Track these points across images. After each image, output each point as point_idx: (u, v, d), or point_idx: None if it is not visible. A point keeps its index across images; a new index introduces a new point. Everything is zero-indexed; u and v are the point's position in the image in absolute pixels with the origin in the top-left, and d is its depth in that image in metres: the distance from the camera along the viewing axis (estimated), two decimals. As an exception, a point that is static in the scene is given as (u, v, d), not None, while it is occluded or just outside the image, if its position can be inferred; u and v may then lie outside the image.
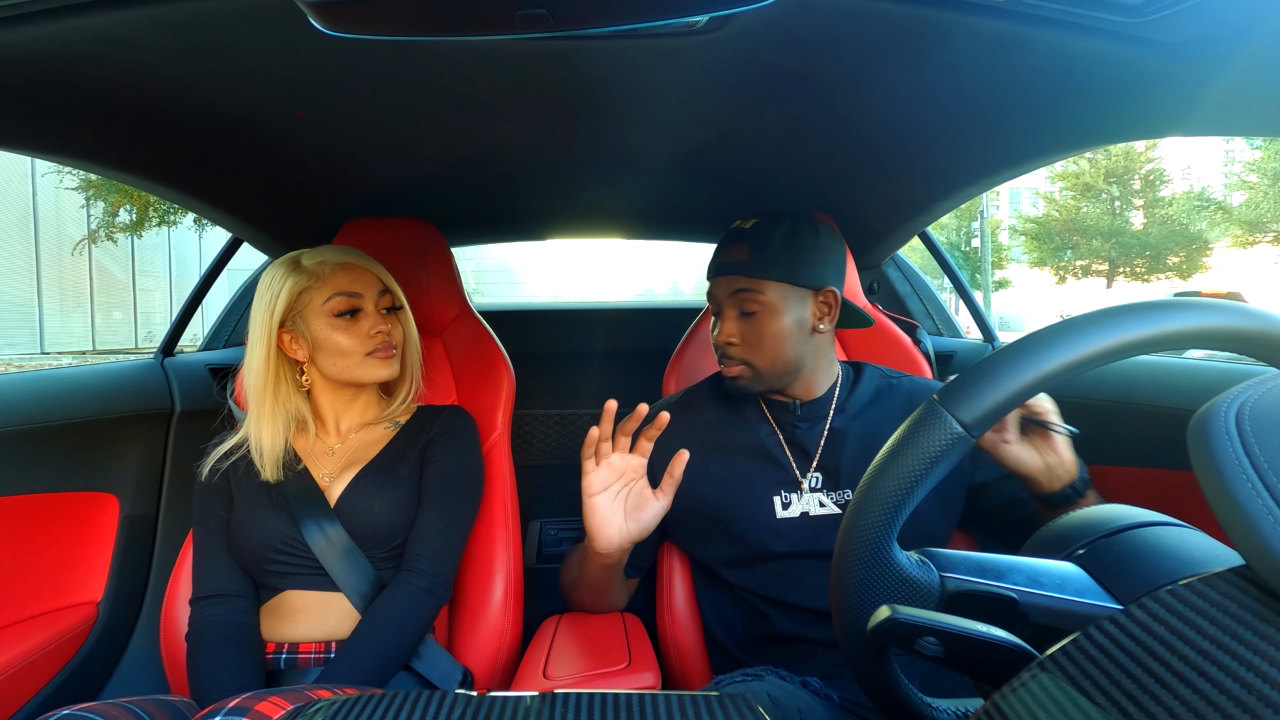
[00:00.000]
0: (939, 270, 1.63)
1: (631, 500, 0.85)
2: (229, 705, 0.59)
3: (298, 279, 0.90)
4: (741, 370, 0.90)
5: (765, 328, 0.87)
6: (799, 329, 0.88)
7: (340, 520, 0.88)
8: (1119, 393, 0.98)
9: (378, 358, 0.93)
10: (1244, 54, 0.57)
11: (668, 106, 0.84)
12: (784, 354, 0.88)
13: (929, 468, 0.41)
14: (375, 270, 0.96)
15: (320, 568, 0.86)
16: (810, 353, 0.91)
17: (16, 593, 1.04)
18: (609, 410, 0.82)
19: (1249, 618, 0.28)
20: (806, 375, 0.92)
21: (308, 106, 0.82)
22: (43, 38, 0.61)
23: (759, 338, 0.88)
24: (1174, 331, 0.39)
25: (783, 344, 0.88)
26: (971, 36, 0.64)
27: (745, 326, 0.89)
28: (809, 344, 0.90)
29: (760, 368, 0.89)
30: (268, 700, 0.60)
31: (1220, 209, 13.45)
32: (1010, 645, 0.39)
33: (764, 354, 0.88)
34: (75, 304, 11.12)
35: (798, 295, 0.88)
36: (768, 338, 0.88)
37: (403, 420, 1.00)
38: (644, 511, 0.84)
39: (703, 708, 0.42)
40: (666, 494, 0.84)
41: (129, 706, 0.66)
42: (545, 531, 1.63)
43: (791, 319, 0.88)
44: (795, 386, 0.93)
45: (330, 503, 0.89)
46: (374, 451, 0.95)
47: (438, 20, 0.50)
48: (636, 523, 0.84)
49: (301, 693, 0.65)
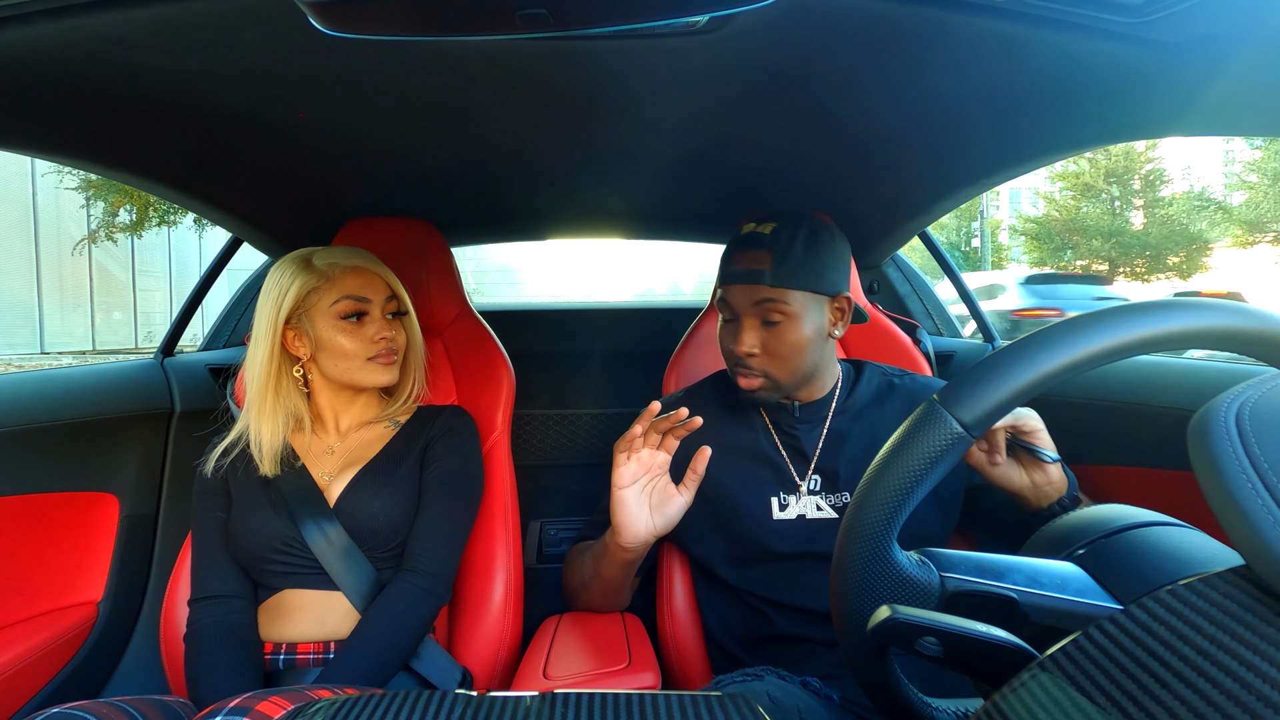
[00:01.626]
0: (939, 270, 1.63)
1: (656, 495, 0.85)
2: (230, 705, 0.59)
3: (308, 278, 0.91)
4: (762, 382, 0.88)
5: (788, 337, 0.85)
6: (818, 336, 0.87)
7: (339, 520, 0.88)
8: (1119, 393, 0.98)
9: (379, 363, 0.93)
10: (1244, 54, 0.57)
11: (668, 106, 0.84)
12: (804, 363, 0.87)
13: (929, 468, 0.41)
14: (384, 275, 0.96)
15: (319, 567, 0.86)
16: (824, 359, 0.91)
17: (16, 593, 1.04)
18: (652, 410, 0.82)
19: (1249, 618, 0.28)
20: (814, 379, 0.92)
21: (308, 106, 0.82)
22: (43, 38, 0.61)
23: (782, 348, 0.86)
24: (1174, 331, 0.39)
25: (804, 353, 0.86)
26: (971, 37, 0.64)
27: (768, 336, 0.86)
28: (824, 349, 0.90)
29: (780, 379, 0.87)
30: (268, 700, 0.60)
31: (1220, 209, 13.43)
32: (1010, 645, 0.39)
33: (785, 364, 0.86)
34: (75, 304, 11.11)
35: (817, 303, 0.87)
36: (790, 348, 0.85)
37: (403, 420, 1.00)
38: (669, 506, 0.85)
39: (703, 708, 0.42)
40: (689, 489, 0.85)
41: (121, 705, 0.66)
42: (545, 531, 1.63)
43: (812, 327, 0.86)
44: (797, 392, 0.93)
45: (329, 502, 0.89)
46: (373, 451, 0.95)
47: (438, 20, 0.50)
48: (662, 517, 0.85)
49: (302, 693, 0.65)
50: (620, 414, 1.69)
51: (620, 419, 1.68)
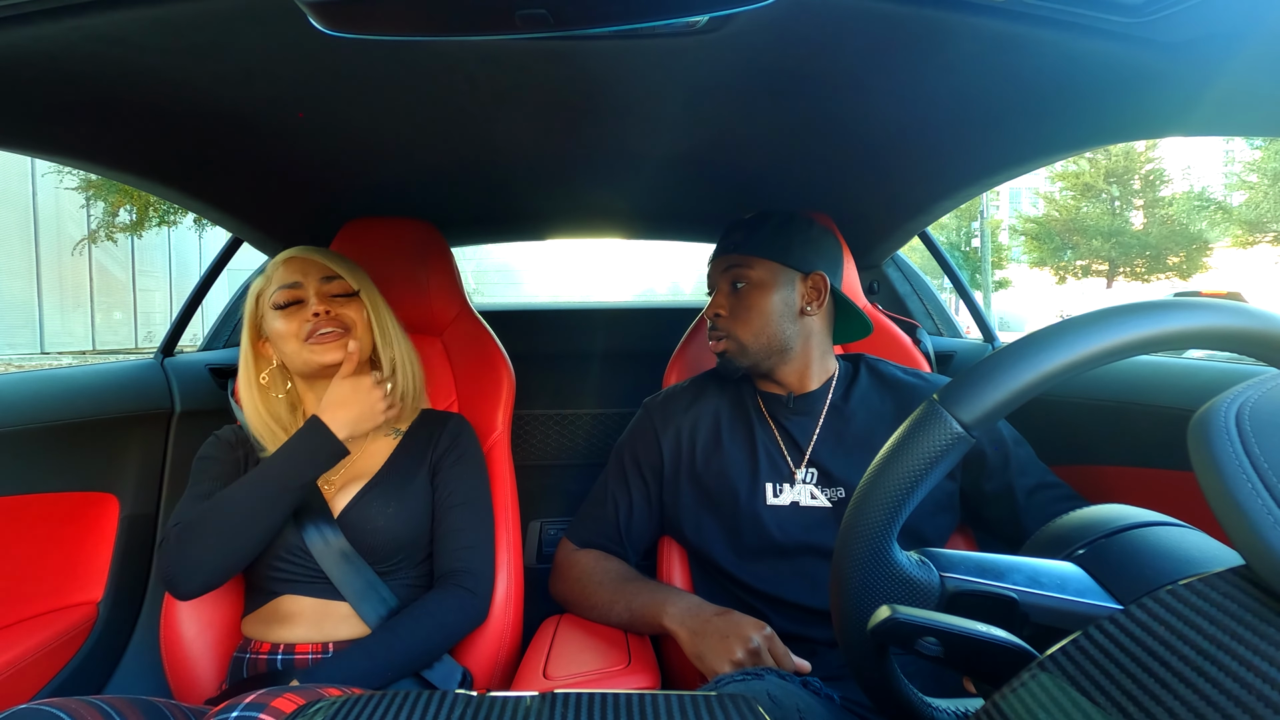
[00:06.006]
0: (939, 270, 1.63)
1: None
2: (245, 700, 0.59)
3: (257, 283, 0.93)
4: (727, 344, 0.94)
5: (751, 300, 0.92)
6: (786, 308, 0.92)
7: (344, 531, 0.87)
8: (1119, 393, 0.98)
9: (315, 341, 0.88)
10: (1244, 54, 0.57)
11: (668, 106, 0.84)
12: (768, 329, 0.92)
13: (929, 468, 0.41)
14: (320, 258, 0.93)
15: (320, 575, 0.86)
16: (797, 335, 0.93)
17: (16, 593, 1.04)
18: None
19: (1249, 618, 0.28)
20: (797, 363, 0.94)
21: (308, 106, 0.82)
22: (43, 38, 0.61)
23: (745, 310, 0.92)
24: (1174, 331, 0.39)
25: (768, 320, 0.91)
26: (971, 36, 0.64)
27: (734, 300, 0.94)
28: (795, 326, 0.93)
29: (745, 341, 0.92)
30: (283, 697, 0.61)
31: (1220, 209, 13.44)
32: (1010, 645, 0.39)
33: (749, 327, 0.92)
34: (75, 304, 11.12)
35: (786, 276, 0.93)
36: (753, 311, 0.92)
37: (404, 428, 0.99)
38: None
39: (703, 708, 0.41)
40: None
41: (96, 703, 0.65)
42: (545, 531, 1.63)
43: (779, 298, 0.92)
44: (787, 374, 0.94)
45: (334, 513, 0.89)
46: (378, 462, 0.94)
47: (438, 20, 0.50)
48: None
49: (314, 690, 0.66)
50: (620, 414, 1.69)
51: (620, 419, 1.68)
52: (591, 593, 0.93)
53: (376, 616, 0.85)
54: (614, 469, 1.02)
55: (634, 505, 0.98)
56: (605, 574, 0.94)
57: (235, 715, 0.57)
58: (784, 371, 0.94)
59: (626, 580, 0.92)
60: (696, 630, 0.79)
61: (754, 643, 0.76)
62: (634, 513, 0.98)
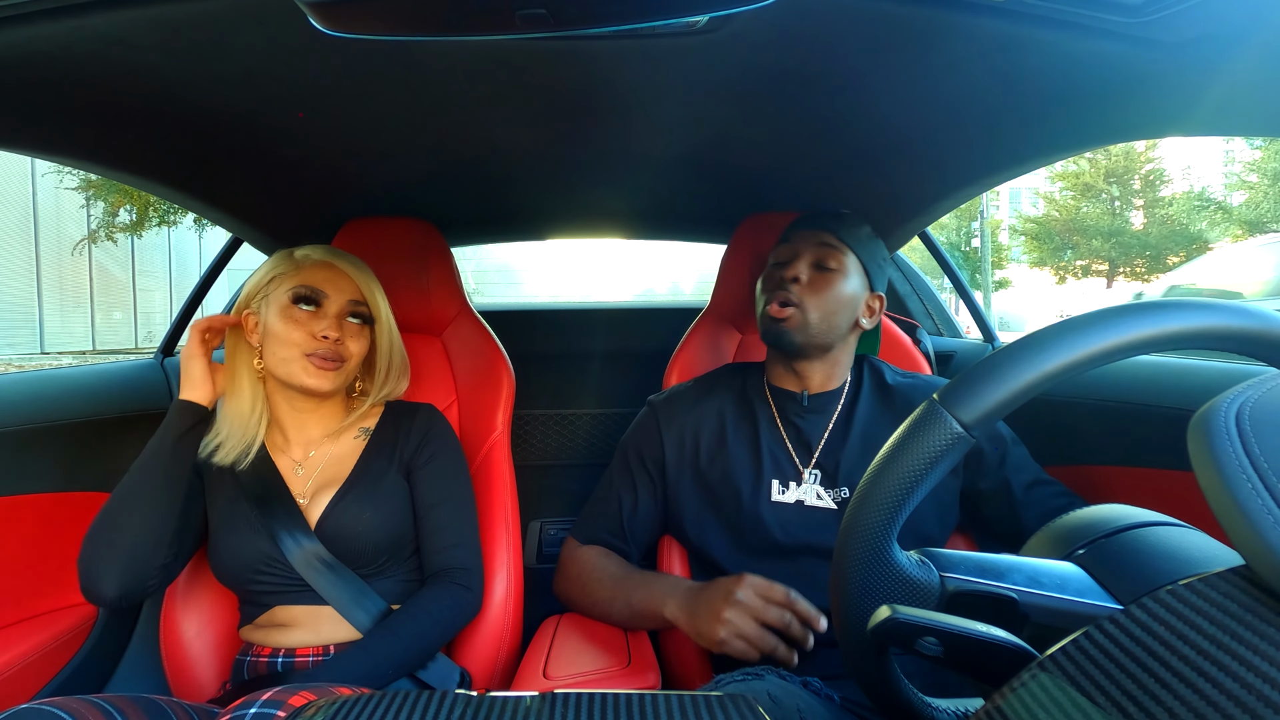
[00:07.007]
0: (939, 270, 1.63)
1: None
2: (263, 697, 0.60)
3: (278, 263, 0.90)
4: (793, 313, 0.90)
5: (835, 285, 0.91)
6: (851, 310, 0.93)
7: (324, 540, 0.86)
8: (1119, 393, 0.98)
9: (315, 363, 0.85)
10: (1244, 54, 0.57)
11: (668, 106, 0.84)
12: (834, 318, 0.91)
13: (929, 467, 0.41)
14: (357, 278, 0.91)
15: (305, 584, 0.84)
16: (844, 338, 0.94)
17: (16, 593, 1.04)
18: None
19: (1249, 618, 0.28)
20: (828, 363, 0.95)
21: (308, 106, 0.82)
22: (43, 38, 0.61)
23: (825, 289, 0.91)
24: (1174, 331, 0.39)
25: (839, 310, 0.91)
26: (971, 36, 0.64)
27: (816, 276, 0.92)
28: (849, 331, 0.94)
29: (811, 319, 0.90)
30: (299, 694, 0.62)
31: (1220, 209, 13.43)
32: (1010, 645, 0.39)
33: (821, 307, 0.90)
34: (75, 304, 11.12)
35: (863, 283, 0.95)
36: (830, 295, 0.91)
37: (371, 425, 0.96)
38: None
39: (703, 708, 0.41)
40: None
41: (97, 702, 0.65)
42: (545, 531, 1.63)
43: (851, 294, 0.93)
44: (815, 370, 0.94)
45: (310, 523, 0.87)
46: (348, 466, 0.92)
47: (438, 20, 0.50)
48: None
49: (327, 689, 0.66)
50: (620, 414, 1.69)
51: (620, 419, 1.68)
52: (592, 590, 0.93)
53: (369, 619, 0.85)
54: (618, 465, 1.02)
55: (638, 501, 0.98)
56: (605, 571, 0.94)
57: (253, 712, 0.58)
58: (814, 366, 0.94)
59: (625, 576, 0.92)
60: (691, 610, 0.81)
61: (737, 595, 0.77)
62: (638, 508, 0.98)
